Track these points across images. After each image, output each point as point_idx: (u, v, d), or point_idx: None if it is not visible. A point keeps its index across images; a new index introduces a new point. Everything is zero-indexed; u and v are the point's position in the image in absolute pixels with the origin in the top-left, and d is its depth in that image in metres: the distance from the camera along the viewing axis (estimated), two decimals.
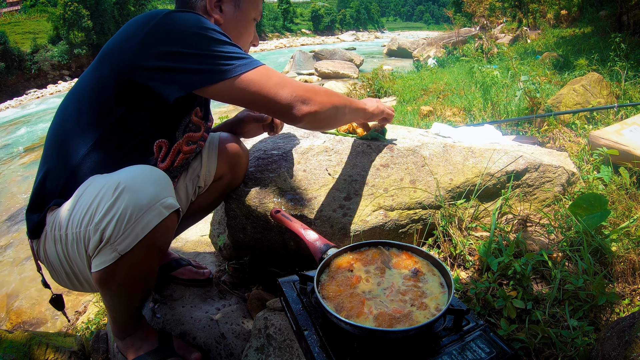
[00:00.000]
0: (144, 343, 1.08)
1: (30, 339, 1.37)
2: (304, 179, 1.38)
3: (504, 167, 1.53)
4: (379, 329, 0.70)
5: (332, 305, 0.79)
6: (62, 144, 0.98)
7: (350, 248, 0.96)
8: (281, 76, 0.96)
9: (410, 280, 0.84)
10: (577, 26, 8.19)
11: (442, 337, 0.80)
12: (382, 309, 0.77)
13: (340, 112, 1.06)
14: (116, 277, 0.89)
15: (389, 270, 0.88)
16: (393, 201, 1.36)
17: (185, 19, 0.90)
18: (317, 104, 0.96)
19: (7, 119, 15.12)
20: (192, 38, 0.88)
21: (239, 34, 1.11)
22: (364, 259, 0.92)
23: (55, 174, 0.98)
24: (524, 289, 1.19)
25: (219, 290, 1.56)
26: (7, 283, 3.86)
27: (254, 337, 1.04)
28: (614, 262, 1.27)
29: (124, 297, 0.98)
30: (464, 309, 0.80)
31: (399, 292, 0.81)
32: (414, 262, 0.91)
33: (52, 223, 0.95)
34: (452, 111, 4.20)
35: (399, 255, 0.93)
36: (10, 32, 27.79)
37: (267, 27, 61.37)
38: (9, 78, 24.17)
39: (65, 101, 1.03)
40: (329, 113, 1.01)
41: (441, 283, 0.83)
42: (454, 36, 13.02)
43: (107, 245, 0.85)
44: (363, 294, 0.81)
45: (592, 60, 3.57)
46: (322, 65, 14.31)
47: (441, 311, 0.72)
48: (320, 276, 0.87)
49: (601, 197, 1.42)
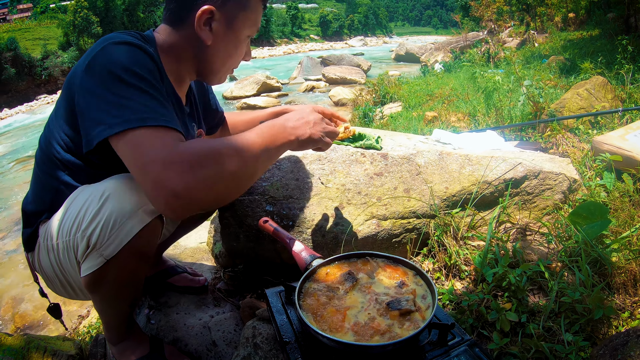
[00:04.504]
0: (136, 349, 1.11)
1: (28, 342, 1.38)
2: (297, 188, 1.37)
3: (502, 174, 1.50)
4: (356, 343, 0.68)
5: (313, 317, 0.78)
6: (46, 161, 0.99)
7: (336, 259, 0.94)
8: (163, 148, 0.74)
9: (395, 293, 0.83)
10: (585, 29, 8.09)
11: (427, 351, 0.78)
12: (363, 322, 0.75)
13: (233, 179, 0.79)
14: (104, 282, 0.92)
15: (374, 282, 0.87)
16: (386, 210, 1.34)
17: (112, 56, 0.81)
18: (191, 191, 0.72)
19: (17, 125, 15.46)
20: (107, 81, 0.78)
21: (228, 55, 1.03)
22: (352, 269, 0.91)
23: (44, 190, 1.01)
24: (519, 301, 1.16)
25: (214, 297, 1.56)
26: (13, 287, 3.93)
27: (241, 346, 1.04)
28: (614, 273, 1.23)
29: (113, 301, 1.00)
30: (449, 324, 0.78)
31: (382, 305, 0.79)
32: (400, 274, 0.89)
33: (44, 234, 0.98)
34: (457, 117, 4.17)
35: (386, 267, 0.92)
36: (21, 38, 28.44)
37: (276, 33, 61.89)
38: (20, 84, 24.71)
39: (49, 118, 1.01)
40: (208, 190, 0.75)
41: (424, 295, 0.81)
42: (461, 41, 12.96)
43: (93, 250, 0.87)
44: (345, 306, 0.80)
45: (598, 64, 3.51)
46: (330, 71, 14.34)
47: (419, 327, 0.71)
48: (303, 287, 0.86)
49: (602, 205, 1.38)
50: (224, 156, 0.76)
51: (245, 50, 1.08)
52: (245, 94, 12.77)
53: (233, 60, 1.06)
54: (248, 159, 0.81)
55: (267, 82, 13.10)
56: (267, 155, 0.86)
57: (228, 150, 0.77)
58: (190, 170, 0.72)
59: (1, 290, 3.95)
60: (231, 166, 0.77)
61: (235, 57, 1.06)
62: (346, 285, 0.84)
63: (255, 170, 0.84)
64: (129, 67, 0.79)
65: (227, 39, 0.99)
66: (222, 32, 0.97)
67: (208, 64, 1.03)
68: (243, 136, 0.83)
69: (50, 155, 0.97)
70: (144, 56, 0.84)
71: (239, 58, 1.07)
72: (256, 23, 1.04)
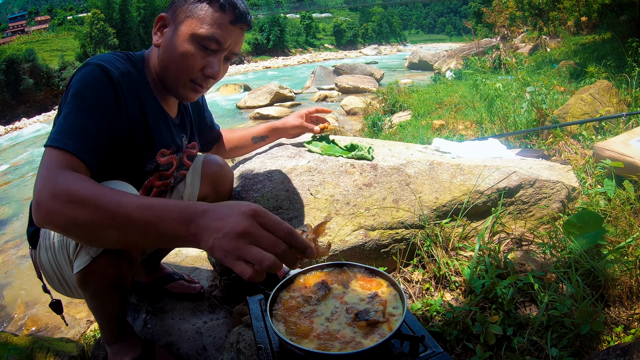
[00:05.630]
0: (129, 351, 1.15)
1: (33, 342, 1.45)
2: (286, 199, 1.39)
3: (495, 184, 1.48)
4: (317, 351, 0.69)
5: (284, 324, 0.79)
6: None
7: (314, 268, 0.95)
8: (53, 169, 0.80)
9: (367, 303, 0.83)
10: (597, 32, 7.92)
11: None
12: (330, 331, 0.76)
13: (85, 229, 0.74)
14: (92, 279, 0.96)
15: (347, 291, 0.87)
16: (374, 221, 1.34)
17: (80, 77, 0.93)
18: (46, 214, 0.75)
19: (36, 134, 16.07)
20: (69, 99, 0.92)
21: (174, 58, 1.03)
22: (326, 279, 0.92)
23: None
24: (507, 314, 1.14)
25: (209, 304, 1.58)
26: (27, 291, 4.07)
27: (226, 351, 1.07)
28: (608, 285, 1.20)
29: (102, 299, 1.05)
30: (418, 335, 0.77)
31: (352, 314, 0.80)
32: (376, 285, 0.89)
33: (44, 233, 1.06)
34: (464, 125, 4.13)
35: (362, 278, 0.92)
36: (39, 49, 29.42)
37: (290, 43, 62.60)
38: (38, 94, 25.52)
39: None
40: (66, 226, 0.76)
41: (395, 306, 0.81)
42: (474, 47, 12.86)
43: (82, 248, 0.93)
44: (314, 315, 0.81)
45: (609, 67, 3.43)
46: (342, 80, 14.41)
47: (384, 338, 0.71)
48: (278, 295, 0.88)
49: (597, 214, 1.35)
50: (87, 207, 0.72)
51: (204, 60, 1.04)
52: (259, 103, 12.93)
53: (186, 65, 1.03)
54: (112, 224, 0.72)
55: (280, 92, 13.24)
56: (144, 233, 0.71)
57: (95, 204, 0.72)
58: (55, 201, 0.74)
59: (15, 294, 4.09)
60: (87, 220, 0.72)
61: (188, 60, 1.02)
62: (319, 294, 0.85)
63: (120, 240, 0.74)
64: (81, 90, 0.91)
65: (172, 42, 1.03)
66: (169, 34, 1.04)
67: (165, 70, 1.06)
68: (125, 199, 0.73)
69: None
70: (103, 81, 0.94)
71: (193, 64, 1.03)
72: (203, 23, 1.00)
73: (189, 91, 1.09)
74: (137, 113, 1.03)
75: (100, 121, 0.92)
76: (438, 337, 1.12)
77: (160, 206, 0.70)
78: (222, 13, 1.01)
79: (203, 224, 0.67)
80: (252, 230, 0.64)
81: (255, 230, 0.64)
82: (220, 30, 1.01)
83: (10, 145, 15.17)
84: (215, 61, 1.04)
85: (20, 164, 11.24)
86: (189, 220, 0.68)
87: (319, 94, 13.69)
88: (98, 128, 0.91)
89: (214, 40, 1.01)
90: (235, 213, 0.66)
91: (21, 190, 8.39)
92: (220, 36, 1.02)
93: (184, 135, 1.25)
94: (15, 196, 8.12)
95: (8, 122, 21.45)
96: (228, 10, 1.01)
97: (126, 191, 0.78)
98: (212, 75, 1.05)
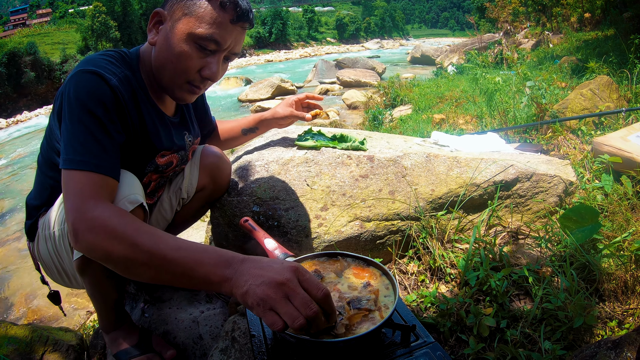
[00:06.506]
0: (126, 338, 1.17)
1: (32, 331, 1.46)
2: (283, 190, 1.39)
3: (491, 177, 1.48)
4: (307, 338, 0.69)
5: None
6: (45, 163, 1.10)
7: (308, 257, 0.96)
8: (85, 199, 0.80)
9: (359, 292, 0.83)
10: (600, 29, 7.85)
11: (390, 351, 0.78)
12: None
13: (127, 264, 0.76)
14: (91, 266, 0.97)
15: (340, 280, 0.88)
16: (370, 212, 1.34)
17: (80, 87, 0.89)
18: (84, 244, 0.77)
19: (38, 127, 16.06)
20: (71, 114, 0.88)
21: (170, 59, 0.98)
22: (319, 268, 0.92)
23: (43, 188, 1.11)
24: (500, 306, 1.14)
25: (206, 294, 1.60)
26: (27, 284, 4.11)
27: (221, 339, 1.08)
28: (603, 279, 1.20)
29: (101, 285, 1.06)
30: (410, 325, 0.78)
31: (344, 303, 0.80)
32: (369, 274, 0.90)
33: (42, 225, 1.08)
34: (464, 119, 4.12)
35: (355, 267, 0.92)
36: (40, 42, 29.28)
37: (292, 37, 62.33)
38: (39, 87, 25.48)
39: (48, 125, 1.10)
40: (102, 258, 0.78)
41: (387, 296, 0.82)
42: (477, 42, 12.79)
43: None
44: None
45: (610, 64, 3.41)
46: (344, 74, 14.37)
47: (374, 326, 0.71)
48: None
49: (592, 209, 1.35)
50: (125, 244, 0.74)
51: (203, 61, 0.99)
52: (260, 97, 12.92)
53: (183, 66, 0.98)
54: (148, 263, 0.73)
55: (282, 86, 13.21)
56: (179, 273, 0.72)
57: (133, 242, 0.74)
58: (92, 234, 0.76)
59: (16, 287, 4.13)
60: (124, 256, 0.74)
61: (185, 61, 0.97)
62: None
63: (153, 277, 0.75)
64: (85, 101, 0.88)
65: (167, 41, 0.97)
66: (165, 32, 0.98)
67: (160, 70, 1.02)
68: (167, 242, 0.74)
69: (47, 159, 1.07)
70: (105, 90, 0.91)
71: (190, 64, 0.98)
72: (202, 21, 0.94)
73: (185, 93, 1.04)
74: (136, 119, 1.02)
75: (114, 132, 0.92)
76: (432, 329, 1.12)
77: (198, 249, 0.72)
78: (222, 11, 0.94)
79: (241, 269, 0.68)
80: (291, 285, 0.65)
81: (294, 285, 0.65)
82: (219, 30, 0.95)
83: (12, 138, 15.19)
84: (213, 62, 0.98)
85: (22, 156, 11.27)
86: (226, 265, 0.70)
87: (320, 88, 13.66)
88: (113, 140, 0.91)
89: (212, 41, 0.95)
90: (278, 265, 0.68)
91: (22, 184, 8.43)
92: (219, 36, 0.95)
93: (186, 132, 1.24)
94: (17, 189, 8.15)
95: (10, 115, 21.45)
96: (229, 8, 0.94)
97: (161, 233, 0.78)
98: (209, 77, 1.00)
